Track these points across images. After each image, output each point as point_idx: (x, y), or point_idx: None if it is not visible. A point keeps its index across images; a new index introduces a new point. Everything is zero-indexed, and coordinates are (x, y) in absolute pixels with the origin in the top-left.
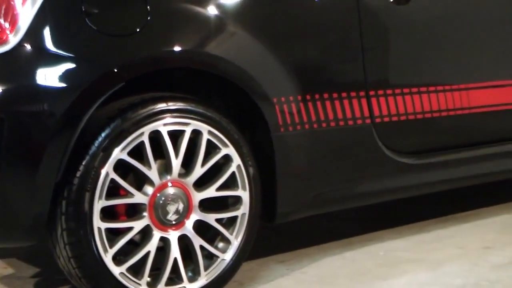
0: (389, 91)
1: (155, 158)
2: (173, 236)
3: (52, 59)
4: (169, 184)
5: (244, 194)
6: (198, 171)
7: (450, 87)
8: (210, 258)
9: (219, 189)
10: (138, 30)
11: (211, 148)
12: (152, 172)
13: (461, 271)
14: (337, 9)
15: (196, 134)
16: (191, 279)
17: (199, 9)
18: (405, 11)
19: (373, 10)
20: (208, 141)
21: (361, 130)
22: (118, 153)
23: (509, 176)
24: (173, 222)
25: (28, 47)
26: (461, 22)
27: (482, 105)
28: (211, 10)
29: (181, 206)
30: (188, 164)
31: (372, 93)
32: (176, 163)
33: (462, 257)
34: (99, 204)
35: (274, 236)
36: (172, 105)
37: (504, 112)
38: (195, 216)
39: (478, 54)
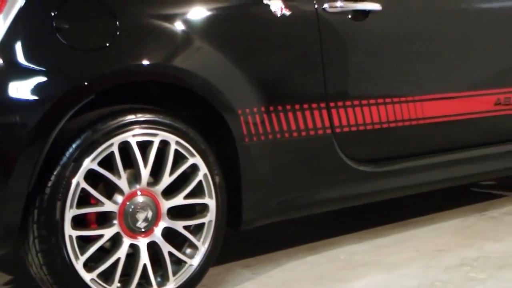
0: (348, 103)
1: (125, 167)
2: (142, 243)
3: (25, 73)
4: (138, 192)
5: (210, 202)
6: (166, 180)
7: (405, 98)
8: (178, 263)
9: (186, 197)
10: (107, 44)
11: (179, 158)
12: (122, 181)
13: (416, 272)
14: (298, 25)
15: (164, 144)
16: (160, 284)
17: (167, 25)
18: (362, 27)
19: (333, 26)
20: (176, 151)
21: (322, 139)
22: (89, 163)
23: (461, 182)
24: (142, 230)
25: (0, 61)
26: (415, 38)
27: (435, 116)
28: (178, 26)
29: (150, 214)
30: (156, 173)
31: (332, 104)
32: (145, 172)
33: (417, 259)
34: (70, 212)
35: (240, 242)
36: (141, 117)
37: (455, 122)
38: (163, 223)
39: (431, 68)
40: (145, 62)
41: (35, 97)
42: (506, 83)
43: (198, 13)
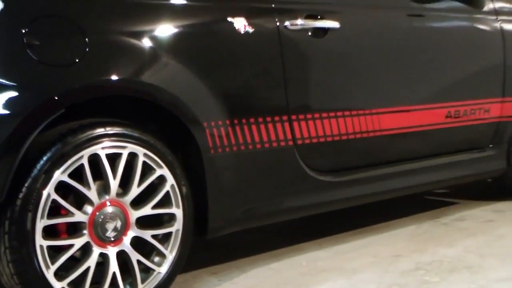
0: (309, 116)
1: (95, 179)
2: (111, 251)
3: None
4: (108, 203)
5: (178, 211)
6: (135, 190)
7: (363, 111)
8: (146, 271)
9: (154, 207)
10: (77, 60)
11: (147, 169)
12: (92, 193)
13: (374, 277)
14: (261, 41)
15: (132, 156)
16: None
17: (135, 42)
18: (322, 43)
19: (294, 43)
20: (144, 163)
21: (284, 151)
22: (59, 175)
23: (415, 191)
24: (112, 239)
25: None
26: (372, 55)
27: (391, 128)
28: (146, 42)
29: (119, 224)
30: (125, 184)
31: (294, 117)
32: (114, 183)
33: (375, 264)
34: (41, 223)
35: (206, 250)
36: (110, 130)
37: (410, 133)
38: (132, 232)
39: (387, 83)
40: (114, 77)
41: (7, 111)
42: (456, 97)
43: (165, 30)
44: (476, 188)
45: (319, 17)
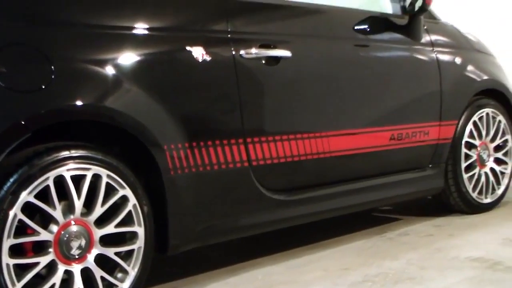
0: (263, 138)
1: (60, 199)
2: (76, 269)
3: None
4: (72, 222)
5: (139, 229)
6: (99, 210)
7: (313, 134)
8: (110, 287)
9: (117, 225)
10: (43, 87)
11: (110, 190)
12: (57, 212)
13: None
14: (218, 68)
15: (96, 177)
16: None
17: (98, 69)
18: (275, 71)
19: (248, 70)
20: (107, 183)
21: (240, 171)
22: (26, 196)
23: (363, 208)
24: (76, 256)
25: None
26: (321, 82)
27: (340, 150)
28: (109, 70)
29: (83, 242)
30: (89, 204)
31: (249, 140)
32: (79, 203)
33: (325, 278)
34: (7, 242)
35: (167, 266)
36: (74, 153)
37: (357, 155)
38: (96, 250)
39: (335, 108)
40: (79, 102)
41: None
42: (399, 121)
43: (127, 58)
44: (418, 205)
45: (272, 46)
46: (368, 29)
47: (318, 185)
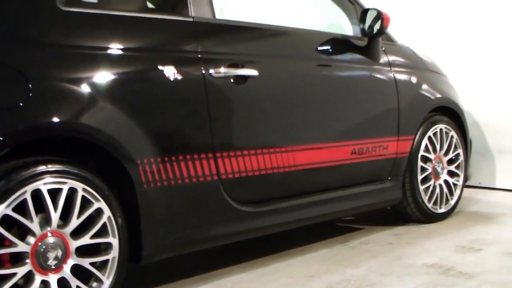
0: (232, 153)
1: (37, 212)
2: (52, 279)
3: None
4: (49, 234)
5: (114, 240)
6: (74, 222)
7: (280, 149)
8: None
9: (93, 237)
10: (21, 104)
11: (86, 203)
12: (34, 225)
13: None
14: (188, 87)
15: (72, 191)
16: None
17: (74, 87)
18: (243, 89)
19: (217, 88)
20: (83, 197)
21: (210, 185)
22: (4, 209)
23: (327, 218)
24: (53, 267)
25: None
26: (287, 99)
27: (305, 163)
28: (84, 88)
29: (59, 253)
30: (66, 217)
31: (218, 154)
32: (55, 216)
33: (292, 285)
34: None
35: (141, 275)
36: (51, 167)
37: (321, 168)
38: (72, 261)
39: (300, 123)
40: (55, 119)
41: None
42: (360, 136)
43: (102, 77)
44: (378, 215)
45: (240, 66)
46: (331, 50)
47: (284, 197)
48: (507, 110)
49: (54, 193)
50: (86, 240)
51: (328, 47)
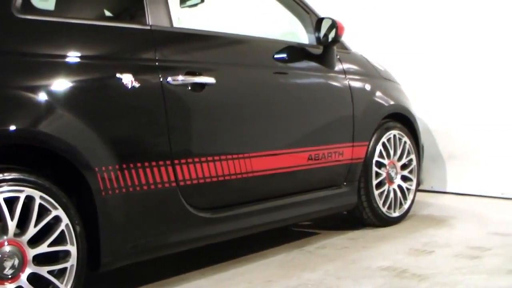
0: (190, 160)
1: None
2: None
3: None
4: (6, 243)
5: (72, 248)
6: (32, 230)
7: (237, 155)
8: None
9: (50, 245)
10: None
11: (43, 211)
12: None
13: None
14: (146, 94)
15: (29, 199)
16: None
17: (32, 95)
18: (200, 96)
19: (175, 96)
20: (40, 205)
21: (168, 191)
22: None
23: (284, 224)
24: (9, 276)
25: None
26: (244, 106)
27: (262, 169)
28: (42, 96)
29: (16, 262)
30: (23, 225)
31: (176, 161)
32: (12, 224)
33: None
34: None
35: (99, 283)
36: (7, 175)
37: (278, 174)
38: (29, 269)
39: (257, 130)
40: (12, 127)
41: None
42: (316, 142)
43: (60, 85)
44: (334, 219)
45: (197, 73)
46: (287, 58)
47: (242, 203)
48: (458, 116)
49: (11, 201)
50: (43, 248)
51: (284, 55)
